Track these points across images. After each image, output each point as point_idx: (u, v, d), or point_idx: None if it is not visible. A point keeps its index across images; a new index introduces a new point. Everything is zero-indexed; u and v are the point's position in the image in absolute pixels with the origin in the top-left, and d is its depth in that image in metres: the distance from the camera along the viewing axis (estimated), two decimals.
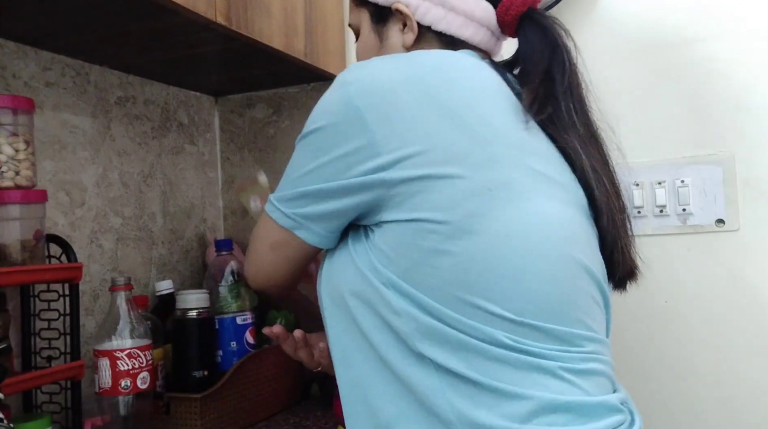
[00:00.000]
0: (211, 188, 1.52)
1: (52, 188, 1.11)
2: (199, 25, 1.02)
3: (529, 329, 0.65)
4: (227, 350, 1.16)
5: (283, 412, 1.24)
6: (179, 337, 1.11)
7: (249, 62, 1.27)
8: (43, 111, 1.10)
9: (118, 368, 0.95)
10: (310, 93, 1.46)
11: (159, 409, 1.08)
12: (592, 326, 0.70)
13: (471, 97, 0.68)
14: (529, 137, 0.70)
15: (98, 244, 1.20)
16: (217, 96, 1.54)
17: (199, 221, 1.47)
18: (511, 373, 0.64)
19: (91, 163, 1.20)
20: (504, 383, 0.64)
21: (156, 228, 1.34)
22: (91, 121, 1.20)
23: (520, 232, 0.66)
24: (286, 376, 1.26)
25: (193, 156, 1.46)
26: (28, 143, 0.91)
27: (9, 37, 1.05)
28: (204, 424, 1.06)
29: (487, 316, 0.64)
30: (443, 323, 0.65)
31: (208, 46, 1.14)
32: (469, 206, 0.65)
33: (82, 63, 1.18)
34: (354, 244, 0.72)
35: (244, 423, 1.15)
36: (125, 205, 1.27)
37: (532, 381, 0.64)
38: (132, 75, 1.30)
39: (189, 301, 1.10)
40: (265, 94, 1.50)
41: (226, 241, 1.24)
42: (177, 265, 1.39)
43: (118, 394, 0.95)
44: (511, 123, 0.70)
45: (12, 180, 0.89)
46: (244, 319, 1.18)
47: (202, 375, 1.09)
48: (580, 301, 0.69)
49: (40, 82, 1.10)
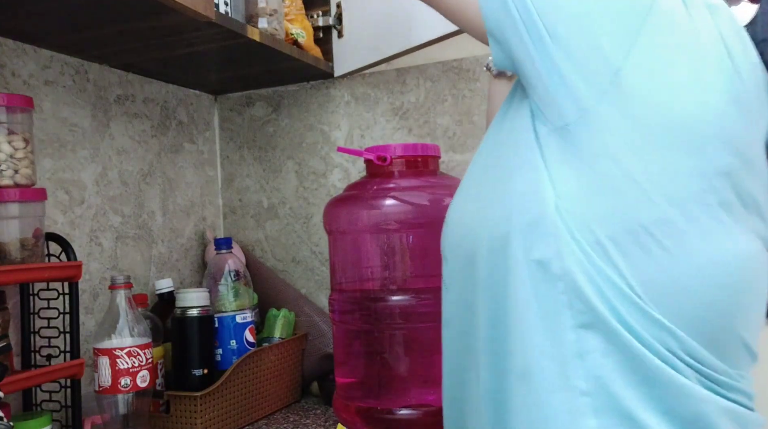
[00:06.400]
0: (211, 186, 1.52)
1: (52, 187, 1.11)
2: (199, 24, 1.02)
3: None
4: (227, 349, 1.16)
5: (283, 411, 1.24)
6: (179, 335, 1.11)
7: (248, 60, 1.27)
8: (42, 109, 1.10)
9: (117, 367, 0.95)
10: (309, 91, 1.46)
11: (158, 408, 1.08)
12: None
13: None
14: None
15: (98, 242, 1.20)
16: (217, 94, 1.54)
17: (198, 220, 1.47)
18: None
19: (91, 161, 1.20)
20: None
21: (155, 226, 1.34)
22: (91, 119, 1.20)
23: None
24: (286, 375, 1.26)
25: (193, 154, 1.46)
26: (27, 142, 0.91)
27: (8, 35, 1.05)
28: (203, 423, 1.06)
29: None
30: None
31: (208, 45, 1.14)
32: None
33: (81, 61, 1.18)
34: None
35: (244, 421, 1.15)
36: (125, 204, 1.27)
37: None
38: (131, 73, 1.30)
39: (188, 300, 1.10)
40: (265, 92, 1.50)
41: (225, 239, 1.24)
42: (176, 264, 1.39)
43: (117, 393, 0.95)
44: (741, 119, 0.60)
45: (11, 178, 0.88)
46: (244, 318, 1.18)
47: (202, 373, 1.09)
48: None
49: (39, 81, 1.10)
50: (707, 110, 0.58)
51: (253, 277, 1.34)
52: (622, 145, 0.57)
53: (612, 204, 0.58)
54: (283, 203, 1.48)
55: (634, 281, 0.57)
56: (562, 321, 0.59)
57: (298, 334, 1.30)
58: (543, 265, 0.59)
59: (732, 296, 0.59)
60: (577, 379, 0.58)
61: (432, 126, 1.34)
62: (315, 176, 1.45)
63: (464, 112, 1.31)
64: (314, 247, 1.45)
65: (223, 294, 1.18)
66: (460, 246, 0.69)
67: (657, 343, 0.57)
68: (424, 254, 1.03)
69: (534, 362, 0.60)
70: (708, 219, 0.58)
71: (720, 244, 0.58)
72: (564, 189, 0.59)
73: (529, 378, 0.60)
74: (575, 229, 0.58)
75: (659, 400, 0.57)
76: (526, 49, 0.61)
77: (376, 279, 1.06)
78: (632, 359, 0.57)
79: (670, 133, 0.57)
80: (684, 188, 0.57)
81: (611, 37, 0.57)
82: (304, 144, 1.46)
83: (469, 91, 1.31)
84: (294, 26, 1.29)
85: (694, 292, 0.57)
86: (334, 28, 1.39)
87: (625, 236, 0.57)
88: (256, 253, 1.50)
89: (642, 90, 0.57)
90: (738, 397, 0.60)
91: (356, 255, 1.09)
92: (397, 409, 1.00)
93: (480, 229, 0.66)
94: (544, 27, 0.59)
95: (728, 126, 0.58)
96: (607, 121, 0.57)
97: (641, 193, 0.57)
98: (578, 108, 0.58)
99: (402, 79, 1.36)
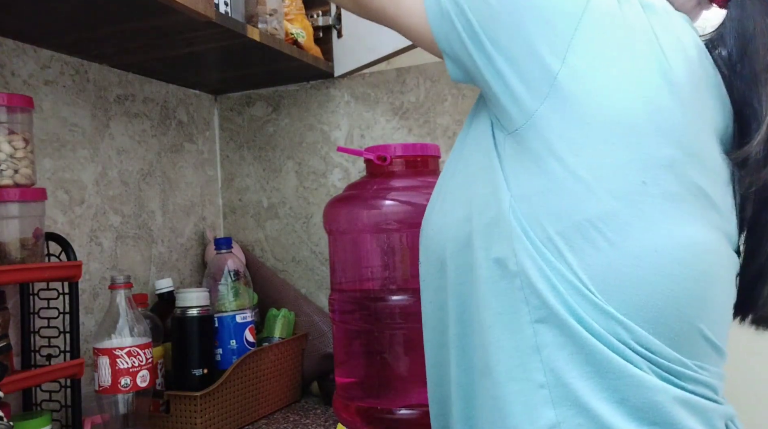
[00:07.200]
0: (211, 186, 1.52)
1: (52, 186, 1.11)
2: (199, 23, 1.02)
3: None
4: (227, 348, 1.17)
5: (283, 410, 1.24)
6: (179, 335, 1.11)
7: (248, 60, 1.27)
8: (42, 109, 1.10)
9: (117, 366, 0.95)
10: (309, 91, 1.46)
11: (158, 408, 1.08)
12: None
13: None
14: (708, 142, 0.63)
15: (97, 242, 1.20)
16: (217, 94, 1.54)
17: (198, 219, 1.47)
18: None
19: (91, 161, 1.20)
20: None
21: (155, 226, 1.34)
22: (91, 119, 1.20)
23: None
24: (286, 374, 1.26)
25: (193, 154, 1.46)
26: (27, 141, 0.91)
27: (8, 35, 1.05)
28: (203, 422, 1.06)
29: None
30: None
31: (208, 44, 1.14)
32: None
33: (81, 61, 1.18)
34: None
35: (244, 421, 1.15)
36: (124, 204, 1.27)
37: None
38: (131, 73, 1.30)
39: (188, 300, 1.11)
40: (265, 92, 1.50)
41: (225, 239, 1.24)
42: (176, 264, 1.39)
43: (117, 393, 0.95)
44: (697, 119, 0.61)
45: (11, 178, 0.88)
46: (244, 318, 1.18)
47: (202, 373, 1.09)
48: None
49: (39, 80, 1.10)
50: (643, 105, 0.59)
51: (253, 277, 1.34)
52: (566, 145, 0.59)
53: (560, 201, 0.60)
54: (283, 203, 1.48)
55: (583, 274, 0.59)
56: (520, 316, 0.61)
57: (298, 334, 1.30)
58: (501, 262, 0.62)
59: (686, 287, 0.60)
60: (535, 372, 0.60)
61: (432, 126, 1.34)
62: (315, 176, 1.45)
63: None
64: (314, 247, 1.45)
65: (223, 294, 1.18)
66: (430, 248, 0.72)
67: (608, 334, 0.58)
68: None
69: (493, 357, 0.62)
70: (651, 210, 0.59)
71: (665, 234, 0.59)
72: (517, 190, 0.62)
73: (489, 372, 0.63)
74: (528, 227, 0.61)
75: (613, 390, 0.59)
76: (472, 60, 0.64)
77: (376, 279, 1.06)
78: (585, 351, 0.59)
79: (609, 129, 0.59)
80: (626, 182, 0.59)
81: (547, 43, 0.59)
82: (304, 144, 1.46)
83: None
84: (294, 26, 1.29)
85: (641, 281, 0.59)
86: (333, 28, 1.39)
87: (574, 231, 0.59)
88: (256, 253, 1.50)
89: (580, 91, 0.59)
90: (696, 387, 0.61)
91: (356, 255, 1.09)
92: (397, 409, 1.00)
93: (446, 231, 0.69)
94: (486, 37, 0.62)
95: (666, 119, 0.60)
96: (550, 123, 0.60)
97: (586, 189, 0.59)
98: (524, 113, 0.61)
99: (402, 79, 1.36)
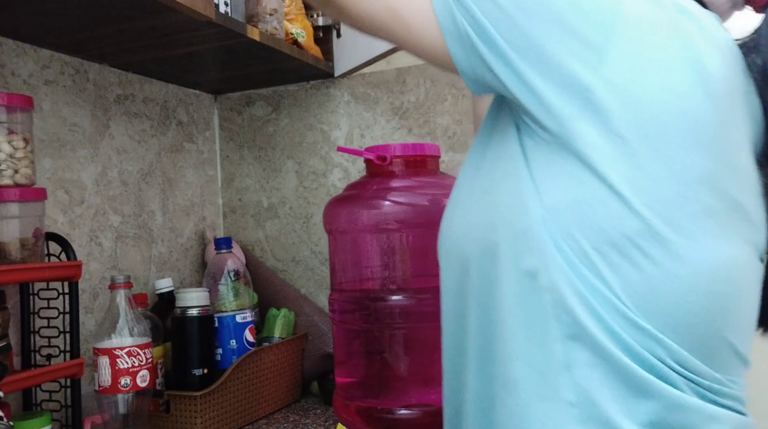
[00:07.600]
0: (211, 186, 1.52)
1: (52, 186, 1.11)
2: (199, 23, 1.02)
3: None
4: (227, 348, 1.17)
5: (283, 410, 1.24)
6: (179, 335, 1.11)
7: (248, 60, 1.27)
8: (42, 109, 1.10)
9: (117, 366, 0.95)
10: (309, 91, 1.46)
11: (158, 407, 1.08)
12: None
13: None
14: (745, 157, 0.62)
15: (97, 242, 1.20)
16: (217, 94, 1.54)
17: (198, 219, 1.47)
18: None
19: (91, 161, 1.20)
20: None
21: (155, 226, 1.34)
22: (90, 119, 1.20)
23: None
24: (286, 374, 1.26)
25: (193, 154, 1.46)
26: (27, 141, 0.91)
27: (8, 35, 1.05)
28: (203, 422, 1.06)
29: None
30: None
31: (208, 44, 1.14)
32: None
33: (81, 61, 1.18)
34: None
35: (244, 421, 1.15)
36: (124, 203, 1.27)
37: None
38: (131, 73, 1.30)
39: (188, 299, 1.11)
40: (265, 92, 1.50)
41: (225, 239, 1.24)
42: (176, 264, 1.39)
43: (117, 393, 0.95)
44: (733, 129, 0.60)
45: (11, 178, 0.88)
46: (244, 318, 1.18)
47: (202, 373, 1.09)
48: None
49: (39, 80, 1.10)
50: (681, 117, 0.58)
51: (253, 276, 1.34)
52: (602, 158, 0.58)
53: (595, 215, 0.58)
54: (283, 203, 1.48)
55: (621, 291, 0.57)
56: (549, 332, 0.59)
57: (298, 334, 1.30)
58: (531, 275, 0.60)
59: (720, 303, 0.59)
60: (565, 390, 0.58)
61: (432, 126, 1.34)
62: (315, 176, 1.45)
63: (464, 111, 1.31)
64: (314, 247, 1.45)
65: (223, 294, 1.18)
66: (453, 253, 0.70)
67: (646, 352, 0.57)
68: (424, 254, 1.03)
69: (519, 372, 0.61)
70: (692, 226, 0.58)
71: (706, 252, 0.58)
72: (550, 202, 0.60)
73: (514, 387, 0.61)
74: (562, 241, 0.59)
75: (646, 411, 0.57)
76: (496, 77, 0.62)
77: (376, 279, 1.06)
78: (618, 371, 0.57)
79: (646, 143, 0.57)
80: (665, 196, 0.57)
81: (577, 57, 0.58)
82: (304, 144, 1.46)
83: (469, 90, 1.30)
84: (294, 26, 1.29)
85: (682, 300, 0.58)
86: (333, 28, 1.39)
87: (610, 247, 0.57)
88: (256, 252, 1.50)
89: (615, 104, 0.57)
90: (727, 401, 0.60)
91: (356, 255, 1.09)
92: (397, 409, 1.00)
93: (470, 238, 0.67)
94: (514, 53, 0.60)
95: (704, 131, 0.58)
96: (586, 135, 0.58)
97: (623, 204, 0.57)
98: (558, 124, 0.59)
99: (402, 78, 1.36)
